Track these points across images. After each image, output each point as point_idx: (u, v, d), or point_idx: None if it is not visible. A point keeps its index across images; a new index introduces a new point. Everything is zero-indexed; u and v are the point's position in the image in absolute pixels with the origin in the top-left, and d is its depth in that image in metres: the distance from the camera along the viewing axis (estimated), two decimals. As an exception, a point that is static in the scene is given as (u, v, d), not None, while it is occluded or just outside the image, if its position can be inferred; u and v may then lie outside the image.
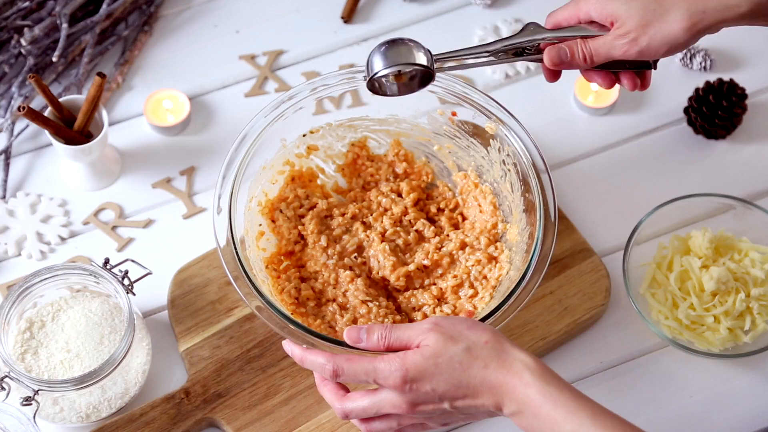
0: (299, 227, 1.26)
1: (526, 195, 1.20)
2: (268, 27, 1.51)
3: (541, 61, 1.15)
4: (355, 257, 1.25)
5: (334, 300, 1.22)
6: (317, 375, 1.11)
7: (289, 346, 1.11)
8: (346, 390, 1.09)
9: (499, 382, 1.01)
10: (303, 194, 1.28)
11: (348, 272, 1.23)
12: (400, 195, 1.30)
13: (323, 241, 1.25)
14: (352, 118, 1.30)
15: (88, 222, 1.36)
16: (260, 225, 1.25)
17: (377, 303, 1.20)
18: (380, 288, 1.24)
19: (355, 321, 1.20)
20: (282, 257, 1.25)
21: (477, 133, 1.25)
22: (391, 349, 1.05)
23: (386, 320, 1.19)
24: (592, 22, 1.13)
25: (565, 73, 1.47)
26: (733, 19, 1.08)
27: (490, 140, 1.24)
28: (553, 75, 1.17)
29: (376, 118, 1.30)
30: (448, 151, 1.30)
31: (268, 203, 1.27)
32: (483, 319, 1.11)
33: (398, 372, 1.02)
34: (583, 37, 1.13)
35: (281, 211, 1.27)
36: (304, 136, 1.28)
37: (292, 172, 1.29)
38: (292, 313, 1.20)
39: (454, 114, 1.26)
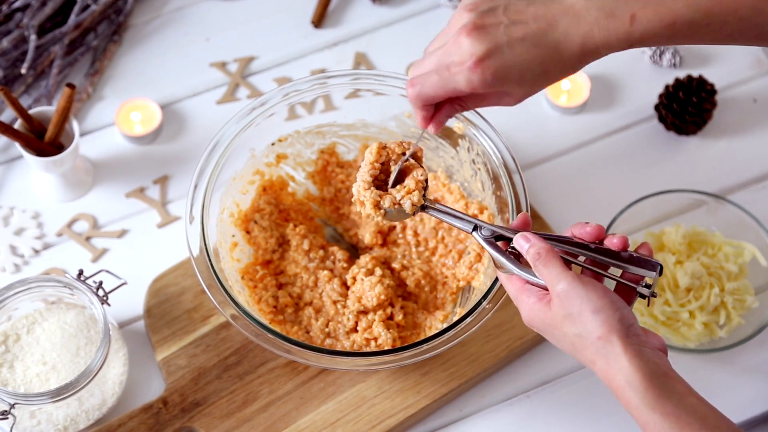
0: (286, 231, 1.26)
1: (498, 193, 1.20)
2: (238, 34, 1.51)
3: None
4: (335, 261, 1.25)
5: (310, 303, 1.22)
6: (502, 276, 1.05)
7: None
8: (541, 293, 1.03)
9: (604, 379, 0.97)
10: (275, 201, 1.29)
11: (326, 272, 1.23)
12: None
13: (306, 245, 1.24)
14: (320, 125, 1.30)
15: (62, 233, 1.36)
16: (233, 236, 1.25)
17: (344, 304, 1.21)
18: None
19: (327, 324, 1.20)
20: (258, 267, 1.25)
21: (445, 133, 1.25)
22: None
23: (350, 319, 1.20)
24: None
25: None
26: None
27: (459, 140, 1.24)
28: None
29: (344, 123, 1.30)
30: (417, 153, 1.30)
31: (240, 214, 1.26)
32: (460, 320, 1.11)
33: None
34: None
35: (256, 222, 1.26)
36: (273, 144, 1.28)
37: (263, 182, 1.28)
38: (270, 322, 1.20)
39: (422, 116, 1.26)
